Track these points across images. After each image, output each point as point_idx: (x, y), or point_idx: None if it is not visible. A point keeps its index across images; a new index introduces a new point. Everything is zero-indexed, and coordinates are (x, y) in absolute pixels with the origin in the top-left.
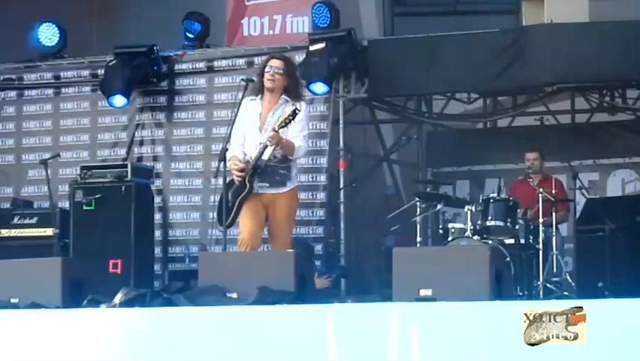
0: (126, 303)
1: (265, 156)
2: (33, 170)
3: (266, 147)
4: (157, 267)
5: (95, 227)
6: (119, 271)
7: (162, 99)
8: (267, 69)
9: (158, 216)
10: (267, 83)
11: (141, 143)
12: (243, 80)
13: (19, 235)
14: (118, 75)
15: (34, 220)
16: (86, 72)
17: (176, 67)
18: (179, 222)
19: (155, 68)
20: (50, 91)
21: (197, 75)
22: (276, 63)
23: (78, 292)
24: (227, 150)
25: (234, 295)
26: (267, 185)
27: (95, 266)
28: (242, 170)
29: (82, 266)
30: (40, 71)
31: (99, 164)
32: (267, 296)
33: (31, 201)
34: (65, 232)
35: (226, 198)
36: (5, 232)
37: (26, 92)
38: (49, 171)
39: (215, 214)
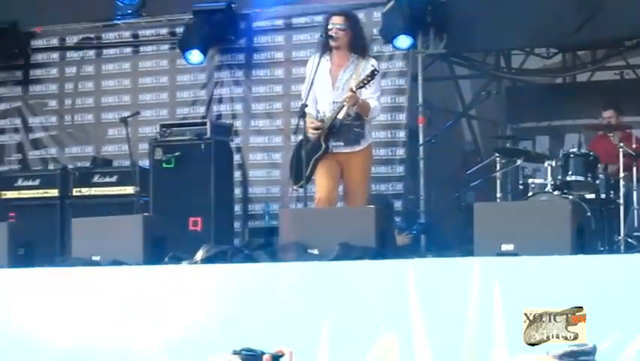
0: (207, 260)
1: (340, 116)
2: (112, 129)
3: (342, 107)
4: (236, 224)
5: (175, 185)
6: (199, 228)
7: (240, 57)
8: (329, 27)
9: (237, 174)
10: (332, 42)
11: (220, 101)
12: (322, 36)
13: (100, 193)
14: (196, 32)
15: (114, 179)
16: (164, 30)
17: (255, 24)
18: (259, 179)
19: (233, 25)
20: (129, 50)
21: (276, 32)
22: (336, 20)
23: (159, 249)
24: (306, 105)
25: (315, 252)
26: (342, 144)
27: (175, 224)
28: (317, 128)
29: (163, 223)
30: (118, 30)
31: (178, 122)
32: (348, 252)
33: (110, 160)
34: (145, 190)
35: (305, 157)
36: (86, 191)
37: (105, 52)
38: (128, 130)
39: (289, 172)
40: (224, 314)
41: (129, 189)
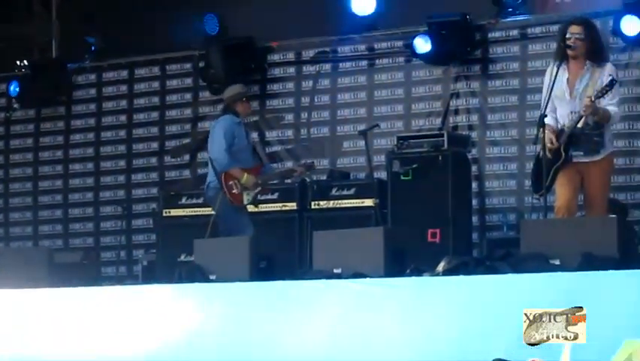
0: (449, 272)
1: (579, 125)
2: (348, 141)
3: (581, 117)
4: (474, 236)
5: (413, 197)
6: (437, 240)
7: (476, 68)
8: (567, 36)
9: (474, 185)
10: (569, 51)
11: (456, 112)
12: (559, 45)
13: (338, 206)
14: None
15: (352, 191)
16: (399, 43)
17: (490, 35)
18: (495, 190)
19: (468, 37)
20: (364, 62)
21: (511, 43)
22: (575, 29)
23: (400, 262)
24: (545, 116)
25: (557, 262)
26: (582, 153)
27: (413, 236)
28: (556, 138)
29: (403, 236)
30: (354, 43)
31: (415, 134)
32: (591, 263)
33: (347, 173)
34: (382, 202)
35: (545, 167)
36: (324, 204)
37: (341, 65)
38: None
39: (530, 182)
40: (465, 326)
41: (367, 202)
